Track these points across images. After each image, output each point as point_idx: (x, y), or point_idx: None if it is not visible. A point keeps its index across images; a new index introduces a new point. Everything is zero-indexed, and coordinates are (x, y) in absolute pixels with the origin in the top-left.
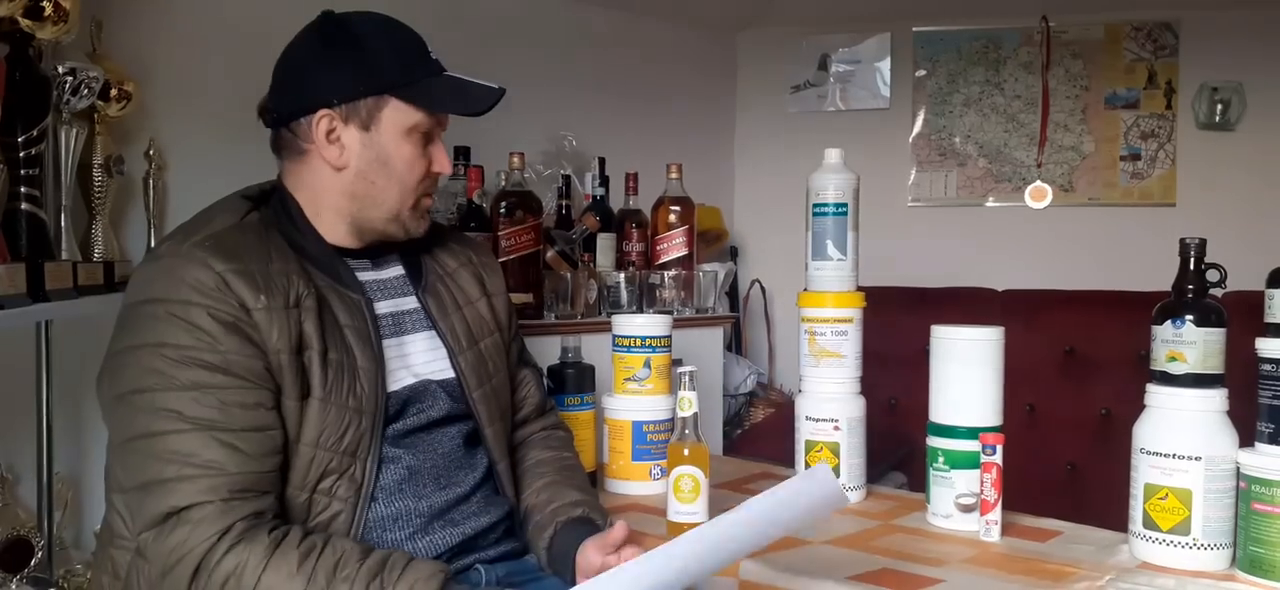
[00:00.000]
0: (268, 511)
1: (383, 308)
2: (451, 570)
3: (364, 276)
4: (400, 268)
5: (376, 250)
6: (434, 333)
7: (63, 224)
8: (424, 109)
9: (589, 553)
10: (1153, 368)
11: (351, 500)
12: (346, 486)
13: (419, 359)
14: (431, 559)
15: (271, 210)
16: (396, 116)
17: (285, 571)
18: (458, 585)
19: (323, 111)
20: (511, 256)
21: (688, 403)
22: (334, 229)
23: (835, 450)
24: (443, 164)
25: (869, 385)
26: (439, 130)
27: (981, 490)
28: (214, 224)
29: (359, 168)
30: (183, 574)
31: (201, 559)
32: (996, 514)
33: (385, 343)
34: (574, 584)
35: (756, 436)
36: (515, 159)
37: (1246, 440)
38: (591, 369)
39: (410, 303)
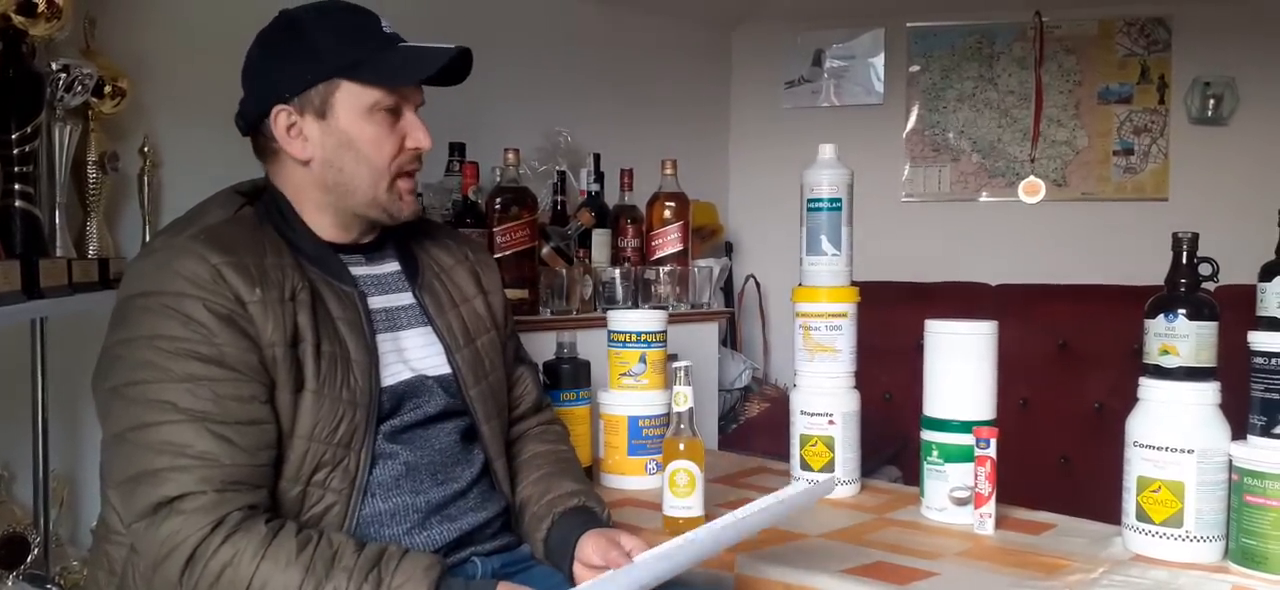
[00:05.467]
0: (261, 505)
1: (377, 302)
2: (447, 563)
3: (358, 271)
4: (396, 264)
5: (371, 245)
6: (430, 329)
7: (57, 221)
8: (376, 85)
9: (588, 548)
10: (1146, 361)
11: (345, 492)
12: (340, 478)
13: (415, 354)
14: (428, 552)
15: (263, 206)
16: (351, 98)
17: (283, 561)
18: (453, 578)
19: (278, 107)
20: (507, 252)
21: (683, 398)
22: (320, 223)
23: (830, 444)
24: (419, 138)
25: (863, 379)
26: (409, 105)
27: (975, 483)
28: (208, 218)
29: (324, 157)
30: (175, 565)
31: (195, 549)
32: (990, 507)
33: (379, 337)
34: (571, 573)
35: (751, 431)
36: (510, 155)
37: (1238, 433)
38: (587, 364)
39: (406, 299)
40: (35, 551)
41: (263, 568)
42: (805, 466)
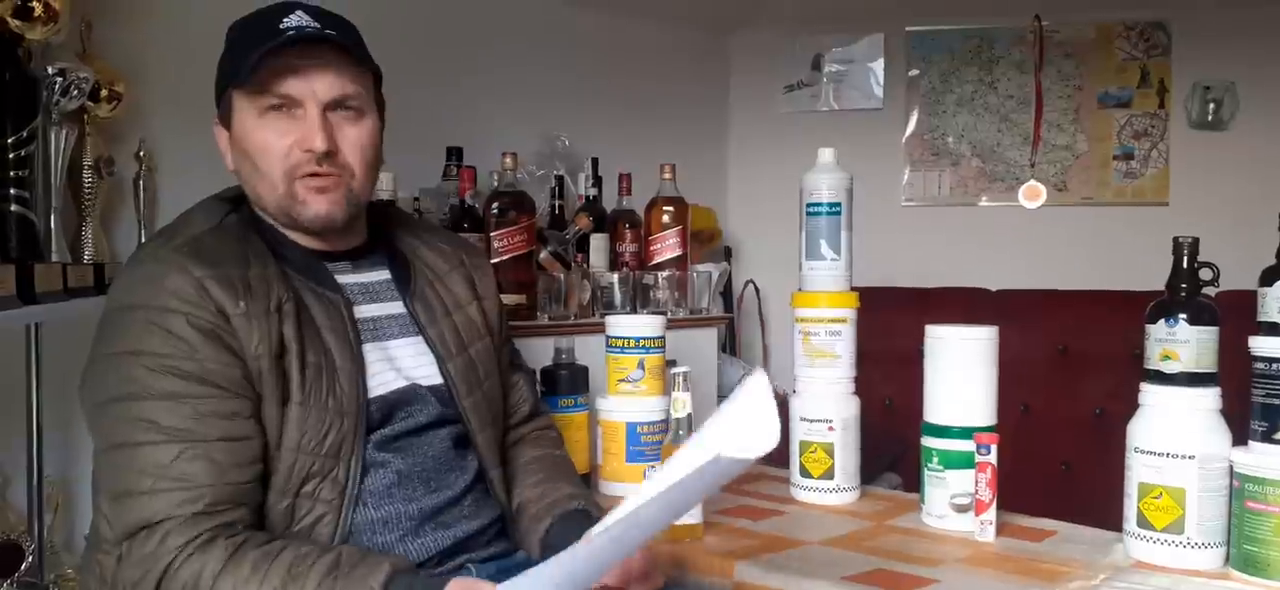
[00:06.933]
0: (238, 522)
1: (365, 311)
2: (414, 563)
3: (344, 279)
4: (386, 272)
5: (358, 252)
6: (421, 339)
7: (52, 225)
8: (243, 88)
9: None
10: (1146, 366)
11: (335, 503)
12: (330, 489)
13: (406, 363)
14: (412, 561)
15: (247, 212)
16: (241, 106)
17: (243, 573)
18: (412, 577)
19: (215, 123)
20: (504, 257)
21: (682, 404)
22: (290, 230)
23: (830, 451)
24: (306, 137)
25: (863, 385)
26: (307, 103)
27: (976, 490)
28: (193, 227)
29: (236, 167)
30: (148, 587)
31: (164, 572)
32: (991, 514)
33: (366, 346)
34: None
35: None
36: (508, 159)
37: (1240, 439)
38: (585, 370)
39: (396, 307)
40: (30, 558)
41: (220, 583)
42: (805, 474)
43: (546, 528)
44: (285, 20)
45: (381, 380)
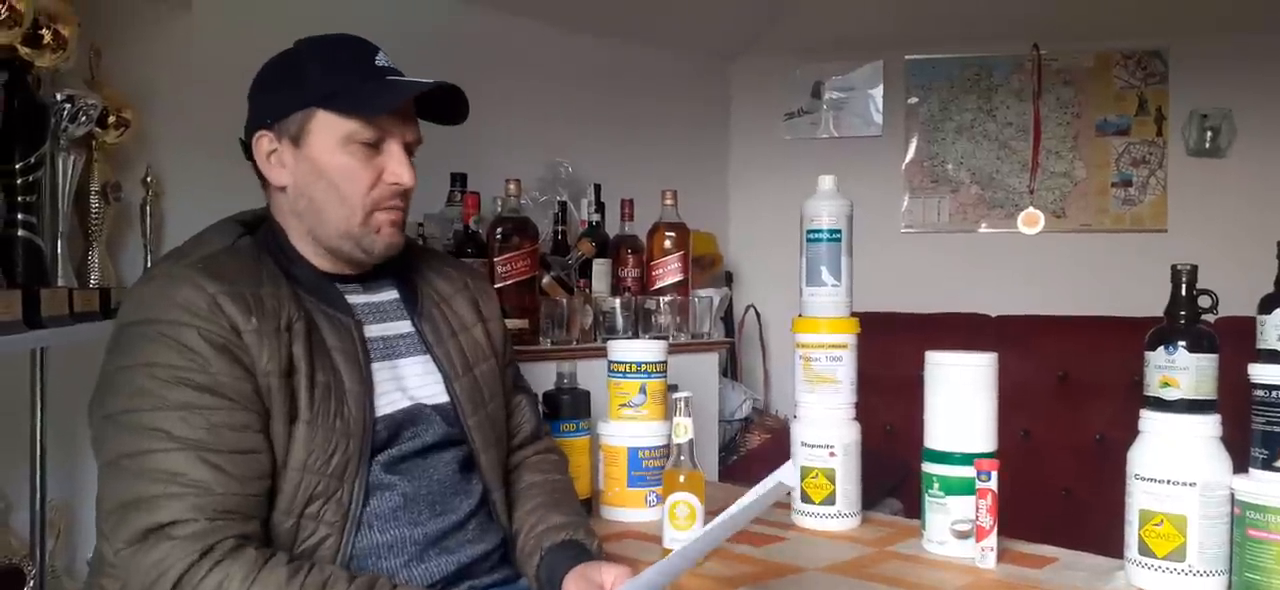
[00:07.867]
0: (253, 537)
1: (374, 331)
2: None
3: (355, 299)
4: (395, 292)
5: (369, 274)
6: (429, 358)
7: (59, 250)
8: (348, 115)
9: (569, 586)
10: (1146, 393)
11: (338, 525)
12: (333, 510)
13: (413, 383)
14: (423, 586)
15: (262, 236)
16: (325, 128)
17: (276, 583)
18: None
19: (260, 132)
20: (508, 282)
21: (683, 429)
22: (313, 254)
23: (830, 476)
24: (396, 172)
25: (864, 411)
26: (394, 140)
27: (977, 516)
28: (207, 247)
29: (296, 183)
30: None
31: (181, 576)
32: (992, 540)
33: (376, 366)
34: None
35: (752, 462)
36: (512, 185)
37: (1240, 466)
38: (587, 395)
39: (405, 327)
40: (31, 583)
41: None
42: (806, 499)
43: (536, 563)
44: (379, 57)
45: (389, 400)
